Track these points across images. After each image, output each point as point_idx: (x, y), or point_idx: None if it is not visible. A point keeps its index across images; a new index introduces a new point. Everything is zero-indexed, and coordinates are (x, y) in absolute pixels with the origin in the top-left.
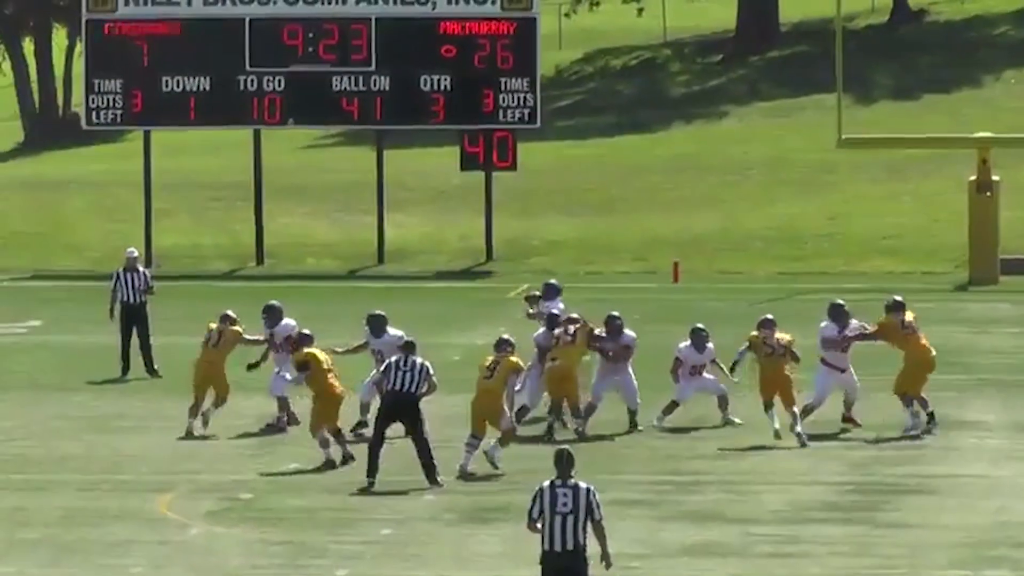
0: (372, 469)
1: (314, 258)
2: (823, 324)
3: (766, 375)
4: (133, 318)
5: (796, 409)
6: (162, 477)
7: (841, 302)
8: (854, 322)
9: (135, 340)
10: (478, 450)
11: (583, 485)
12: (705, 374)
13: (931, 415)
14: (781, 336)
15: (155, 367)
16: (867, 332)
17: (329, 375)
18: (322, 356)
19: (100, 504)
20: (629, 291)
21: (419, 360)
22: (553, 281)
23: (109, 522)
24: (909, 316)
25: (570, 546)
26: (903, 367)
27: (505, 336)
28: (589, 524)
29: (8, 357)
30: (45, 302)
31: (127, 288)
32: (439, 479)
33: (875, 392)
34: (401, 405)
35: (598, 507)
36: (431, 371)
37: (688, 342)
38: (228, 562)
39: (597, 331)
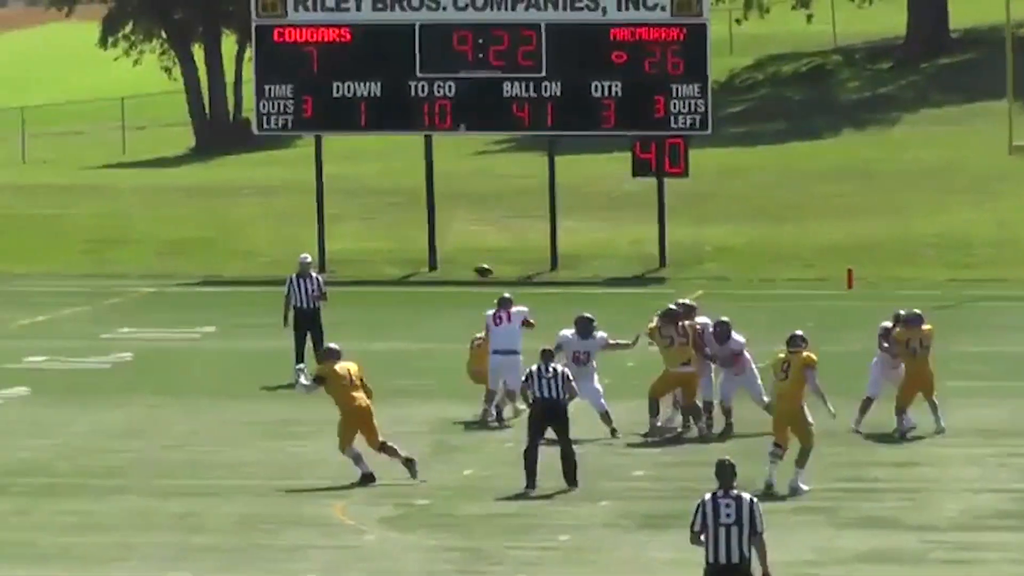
0: (530, 479)
1: (487, 264)
2: None
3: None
4: (306, 324)
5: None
6: (337, 483)
7: None
8: None
9: (309, 345)
10: (782, 461)
11: (746, 496)
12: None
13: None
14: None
15: None
16: None
17: (352, 390)
18: (344, 371)
19: (274, 510)
20: (801, 298)
21: (559, 367)
22: (507, 294)
23: (283, 527)
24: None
25: (735, 559)
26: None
27: (799, 332)
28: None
29: (182, 362)
30: (217, 307)
31: (300, 294)
32: (577, 481)
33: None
34: (551, 412)
35: (760, 519)
36: (570, 377)
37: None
38: (404, 568)
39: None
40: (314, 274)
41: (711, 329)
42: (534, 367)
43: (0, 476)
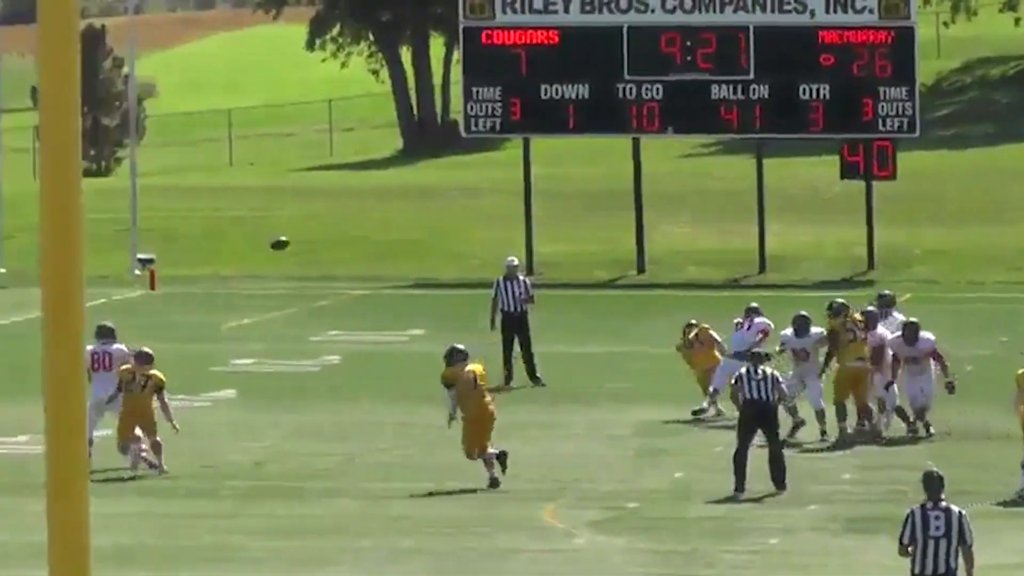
0: (740, 481)
1: (695, 266)
2: None
3: None
4: (514, 327)
5: None
6: (546, 486)
7: None
8: None
9: (517, 349)
10: None
11: (955, 508)
12: None
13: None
14: None
15: (538, 375)
16: None
17: (475, 394)
18: (468, 374)
19: (483, 513)
20: (1010, 301)
21: (768, 369)
22: (754, 304)
23: (492, 531)
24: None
25: (942, 570)
26: None
27: None
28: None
29: (390, 365)
30: (427, 310)
31: (507, 297)
32: (785, 484)
33: None
34: (761, 414)
35: (970, 531)
36: (780, 379)
37: None
38: (614, 571)
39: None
40: (521, 277)
41: (897, 333)
42: (743, 369)
43: (209, 479)
